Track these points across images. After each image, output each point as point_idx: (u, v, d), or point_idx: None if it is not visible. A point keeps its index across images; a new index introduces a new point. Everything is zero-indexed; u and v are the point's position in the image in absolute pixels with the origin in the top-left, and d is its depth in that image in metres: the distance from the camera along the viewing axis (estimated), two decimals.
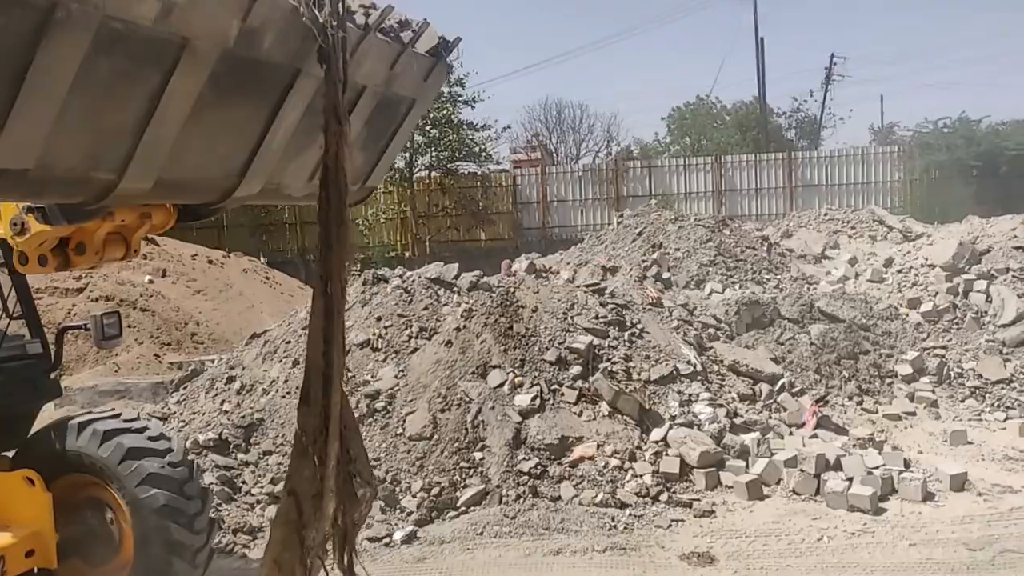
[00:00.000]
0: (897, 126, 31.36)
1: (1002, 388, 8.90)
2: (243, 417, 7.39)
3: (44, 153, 1.88)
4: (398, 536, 6.14)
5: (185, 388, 8.60)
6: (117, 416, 4.73)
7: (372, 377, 7.75)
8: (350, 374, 7.80)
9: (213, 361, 9.66)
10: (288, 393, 7.72)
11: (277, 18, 2.21)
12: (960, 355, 9.51)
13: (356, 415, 7.19)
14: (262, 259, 18.08)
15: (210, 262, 14.74)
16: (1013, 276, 10.54)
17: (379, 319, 8.48)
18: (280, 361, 8.31)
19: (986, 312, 10.13)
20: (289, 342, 8.61)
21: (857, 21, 66.48)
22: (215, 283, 13.96)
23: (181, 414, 7.90)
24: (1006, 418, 8.34)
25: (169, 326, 12.03)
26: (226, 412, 7.61)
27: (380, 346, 8.14)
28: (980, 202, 21.83)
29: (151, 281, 12.90)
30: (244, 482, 6.78)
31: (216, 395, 8.03)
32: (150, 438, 4.55)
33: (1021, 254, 11.02)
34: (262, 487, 6.73)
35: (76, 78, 1.83)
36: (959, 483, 6.47)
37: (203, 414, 7.74)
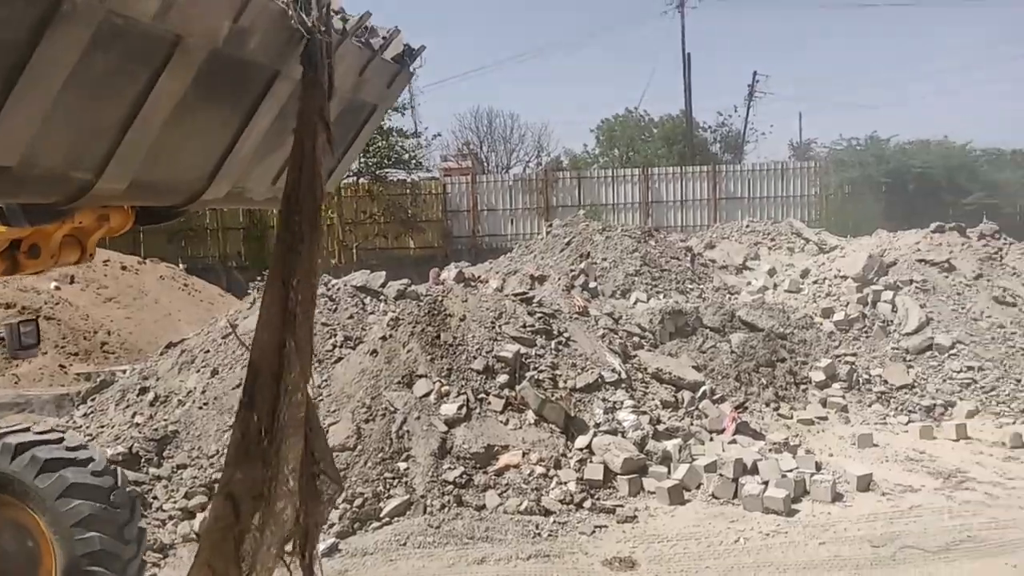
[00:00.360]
0: (814, 143, 32.75)
1: (905, 393, 9.36)
2: (156, 430, 7.11)
3: (29, 150, 1.82)
4: (321, 547, 6.00)
5: (93, 400, 8.21)
6: (27, 429, 4.40)
7: None
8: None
9: (125, 372, 9.27)
10: (206, 404, 7.48)
11: (265, 19, 2.21)
12: (868, 362, 9.95)
13: None
14: (181, 266, 17.46)
15: (124, 268, 14.12)
16: (916, 287, 11.10)
17: None
18: (198, 371, 8.05)
19: (892, 321, 10.64)
20: (208, 351, 8.35)
21: (779, 42, 69.17)
22: (128, 290, 13.37)
23: (88, 428, 7.54)
24: (908, 421, 8.78)
25: (77, 335, 11.45)
26: (138, 425, 7.31)
27: None
28: (889, 217, 22.94)
29: (57, 288, 12.25)
30: (156, 497, 6.52)
31: (127, 407, 7.71)
32: (68, 448, 4.24)
33: (924, 267, 11.62)
34: (175, 502, 6.49)
35: (71, 74, 1.79)
36: (865, 484, 6.76)
37: (112, 427, 7.41)
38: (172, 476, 6.76)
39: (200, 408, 7.43)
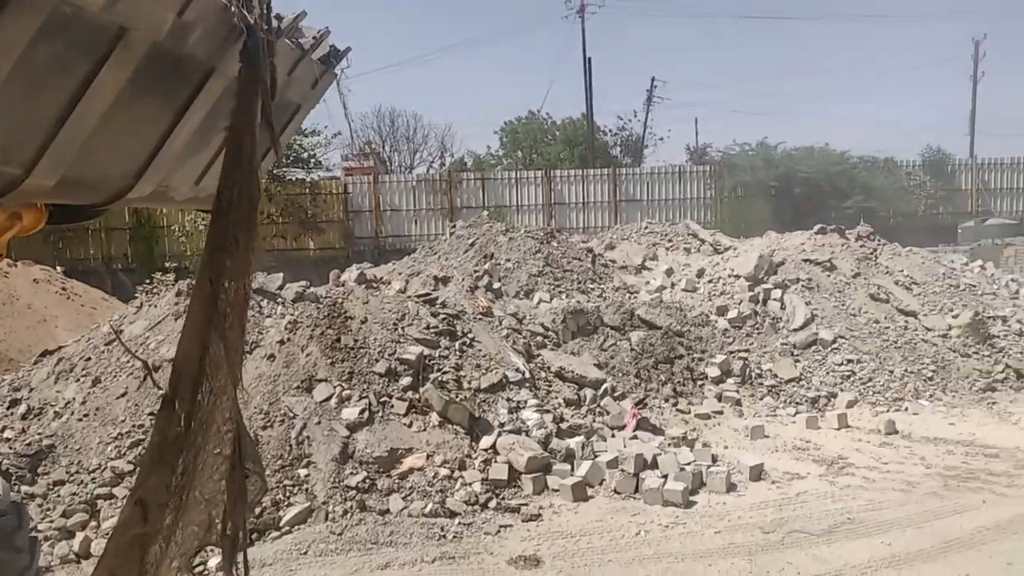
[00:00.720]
0: (710, 147, 34.04)
1: (793, 386, 9.83)
2: (29, 444, 6.61)
3: None
4: (213, 563, 5.74)
5: None
6: None
7: None
8: (162, 392, 7.24)
9: None
10: (86, 415, 7.03)
11: (206, 15, 2.16)
12: (760, 357, 10.40)
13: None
14: (58, 268, 16.37)
15: None
16: (802, 286, 11.70)
17: None
18: (78, 380, 7.57)
19: (781, 318, 11.16)
20: (89, 359, 7.86)
21: (677, 49, 71.82)
22: None
23: None
24: (796, 413, 9.22)
25: None
26: (7, 440, 6.78)
27: None
28: (778, 219, 24.15)
29: None
30: (28, 518, 6.07)
31: None
32: None
33: (809, 266, 12.28)
34: (52, 522, 6.03)
35: (15, 64, 1.70)
36: (757, 473, 7.05)
37: None
38: (48, 494, 6.30)
39: (80, 420, 6.98)
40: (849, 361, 10.27)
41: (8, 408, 7.29)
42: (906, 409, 9.38)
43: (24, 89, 1.80)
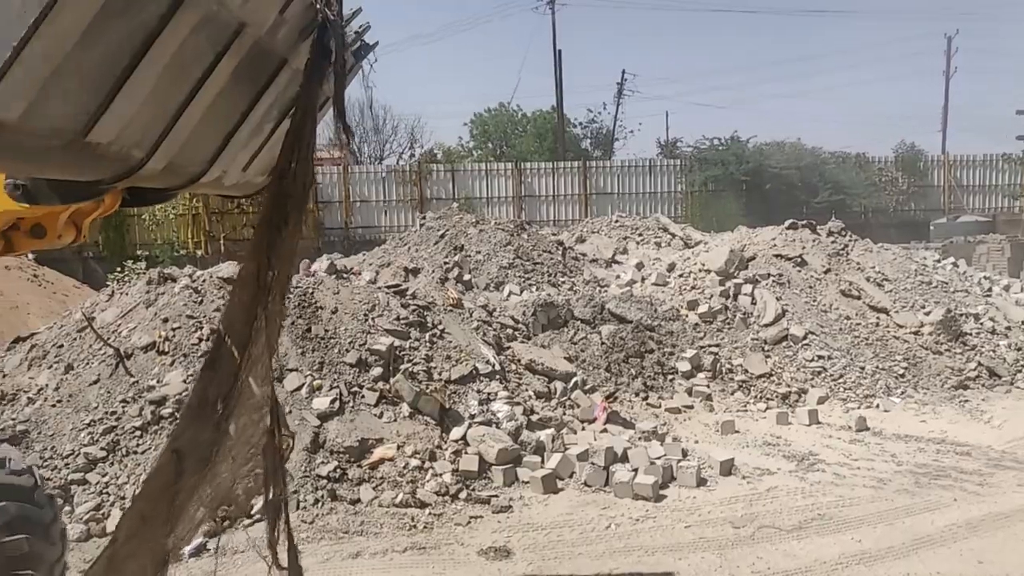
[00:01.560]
0: (680, 141, 34.22)
1: (764, 382, 9.87)
2: (2, 430, 6.51)
3: (125, 128, 1.83)
4: (186, 549, 5.66)
5: None
6: None
7: (158, 382, 7.14)
8: (133, 379, 7.17)
9: None
10: (59, 401, 6.94)
11: (296, 12, 2.30)
12: (731, 352, 10.44)
13: (140, 423, 6.63)
14: (29, 256, 16.00)
15: None
16: (773, 281, 11.78)
17: (166, 320, 7.83)
18: (51, 367, 7.46)
19: (751, 313, 11.23)
20: (62, 346, 7.75)
21: (648, 42, 72.06)
22: None
23: None
24: (766, 408, 9.23)
25: None
26: None
27: (167, 349, 7.52)
28: (748, 213, 24.41)
29: None
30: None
31: None
32: None
33: (780, 261, 12.37)
34: None
35: (173, 54, 1.82)
36: (727, 468, 7.09)
37: None
38: None
39: (53, 406, 6.88)
40: (820, 357, 10.33)
41: None
42: (877, 406, 9.37)
43: (170, 78, 1.91)
